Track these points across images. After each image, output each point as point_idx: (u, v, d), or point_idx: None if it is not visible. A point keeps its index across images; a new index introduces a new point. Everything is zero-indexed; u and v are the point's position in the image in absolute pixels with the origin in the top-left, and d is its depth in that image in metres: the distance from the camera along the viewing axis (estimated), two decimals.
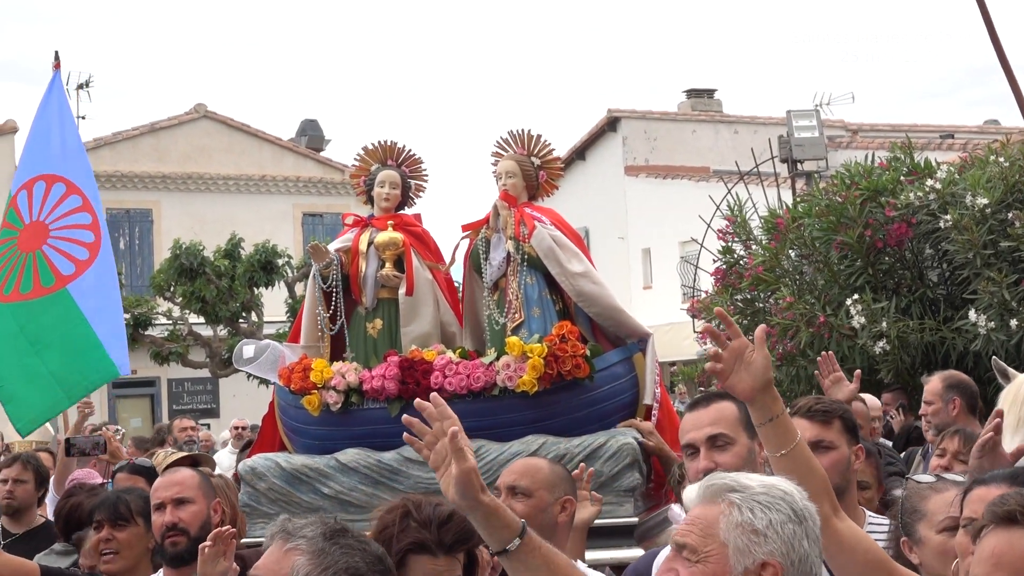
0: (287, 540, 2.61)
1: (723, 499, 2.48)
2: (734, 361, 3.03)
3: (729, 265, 10.36)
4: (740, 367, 3.03)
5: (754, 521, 2.43)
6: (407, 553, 3.28)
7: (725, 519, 2.44)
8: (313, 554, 2.59)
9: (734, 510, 2.45)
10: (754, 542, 2.42)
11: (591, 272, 5.84)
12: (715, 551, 2.42)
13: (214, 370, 24.28)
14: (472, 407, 5.62)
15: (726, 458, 3.63)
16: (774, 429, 3.03)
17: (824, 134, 18.94)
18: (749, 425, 3.69)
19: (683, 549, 2.45)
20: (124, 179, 29.90)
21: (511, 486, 4.10)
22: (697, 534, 2.45)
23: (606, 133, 30.44)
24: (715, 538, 2.43)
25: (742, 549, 2.41)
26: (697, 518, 2.48)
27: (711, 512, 2.46)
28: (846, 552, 3.01)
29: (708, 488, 2.51)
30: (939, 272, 9.15)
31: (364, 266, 6.04)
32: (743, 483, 2.51)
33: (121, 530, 4.68)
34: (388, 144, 6.37)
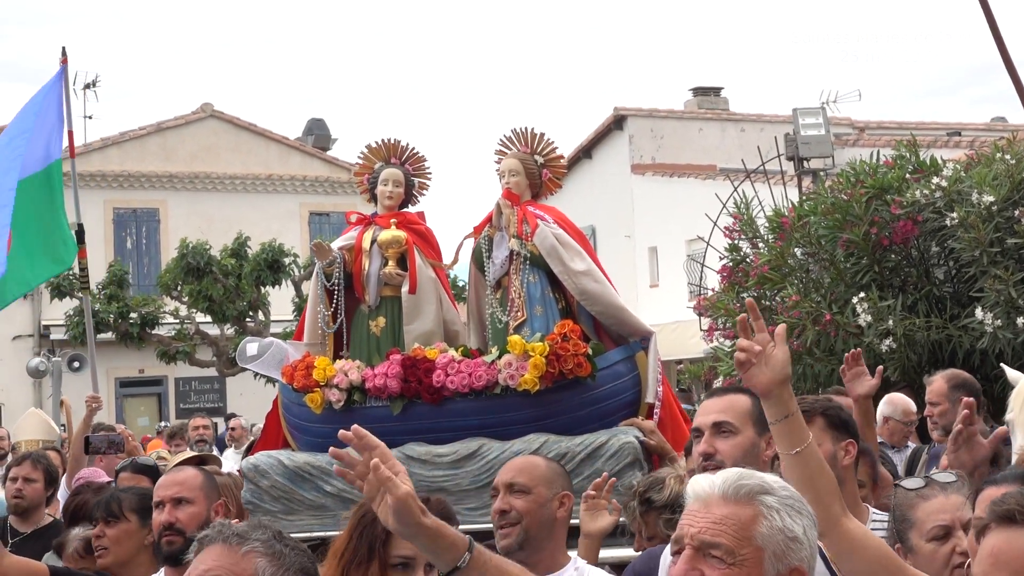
0: (241, 543, 2.62)
1: (758, 501, 2.42)
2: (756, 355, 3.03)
3: (735, 263, 10.34)
4: (760, 361, 3.03)
5: (794, 527, 2.41)
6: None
7: (766, 523, 2.39)
8: (272, 556, 2.63)
9: (774, 515, 2.40)
10: (791, 548, 2.39)
11: (593, 270, 5.83)
12: (750, 555, 2.36)
13: (221, 369, 24.31)
14: (474, 405, 5.64)
15: (727, 446, 3.69)
16: (788, 427, 3.03)
17: (831, 132, 18.91)
18: (759, 421, 3.72)
19: (714, 548, 2.37)
20: (131, 179, 29.95)
21: (509, 483, 4.11)
22: (732, 535, 2.37)
23: (612, 131, 30.41)
24: (751, 541, 2.37)
25: (779, 555, 2.38)
26: (728, 518, 2.39)
27: (745, 513, 2.40)
28: (856, 551, 2.99)
29: (739, 487, 2.44)
30: (945, 270, 9.13)
31: (367, 264, 6.04)
32: (771, 485, 2.46)
33: (111, 526, 4.74)
34: (392, 142, 6.38)
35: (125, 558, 4.69)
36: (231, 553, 2.61)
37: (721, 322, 10.13)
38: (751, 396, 3.78)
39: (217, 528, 2.67)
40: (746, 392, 3.81)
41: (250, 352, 6.22)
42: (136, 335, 23.67)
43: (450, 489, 5.54)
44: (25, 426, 11.01)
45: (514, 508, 4.03)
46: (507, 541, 4.02)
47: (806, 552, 2.41)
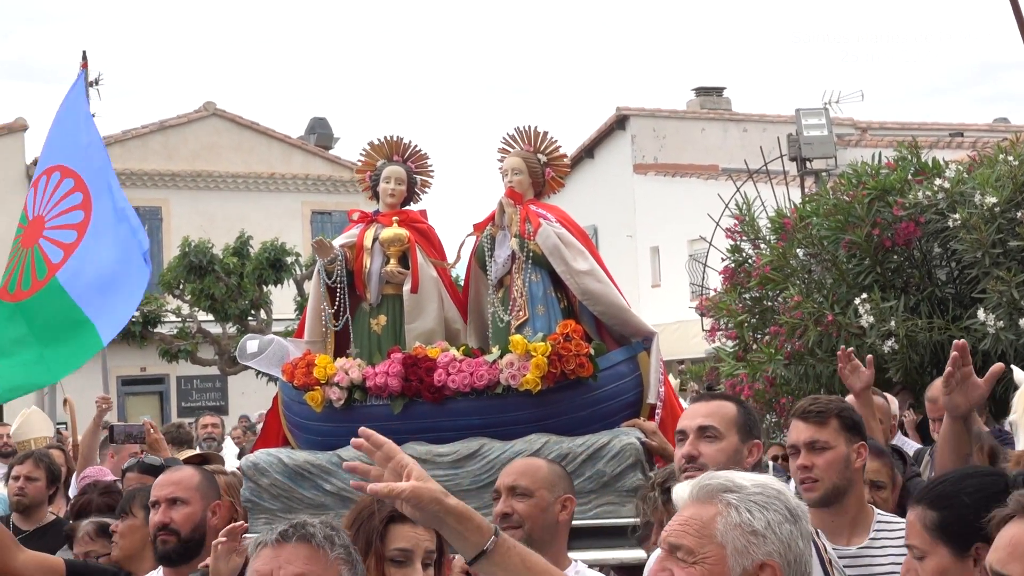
0: (330, 548, 2.59)
1: (719, 499, 2.45)
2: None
3: (737, 264, 10.33)
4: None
5: (753, 522, 2.42)
6: (388, 523, 3.33)
7: (723, 520, 2.41)
8: (351, 564, 2.63)
9: (731, 511, 2.43)
10: (753, 543, 2.40)
11: (596, 270, 5.81)
12: (712, 552, 2.39)
13: (223, 367, 24.32)
14: (475, 405, 5.61)
15: (710, 450, 3.74)
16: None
17: (833, 132, 18.90)
18: (744, 428, 3.85)
19: (677, 550, 2.41)
20: (133, 177, 29.95)
21: (511, 486, 4.10)
22: (693, 535, 2.41)
23: (615, 131, 30.43)
24: (712, 539, 2.40)
25: (741, 550, 2.39)
26: (691, 518, 2.44)
27: (706, 512, 2.43)
28: None
29: (702, 488, 2.48)
30: (948, 271, 9.11)
31: (369, 262, 6.02)
32: (737, 483, 2.48)
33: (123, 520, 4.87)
34: (394, 140, 6.35)
35: (131, 552, 4.77)
36: (321, 557, 2.58)
37: (723, 323, 10.12)
38: (737, 403, 3.91)
39: (304, 527, 2.62)
40: (733, 399, 3.93)
41: (250, 349, 6.20)
42: (138, 333, 23.69)
43: (451, 489, 5.43)
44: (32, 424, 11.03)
45: (516, 512, 4.03)
46: None
47: (774, 547, 2.40)
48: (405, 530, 3.33)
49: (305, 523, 2.63)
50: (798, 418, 4.10)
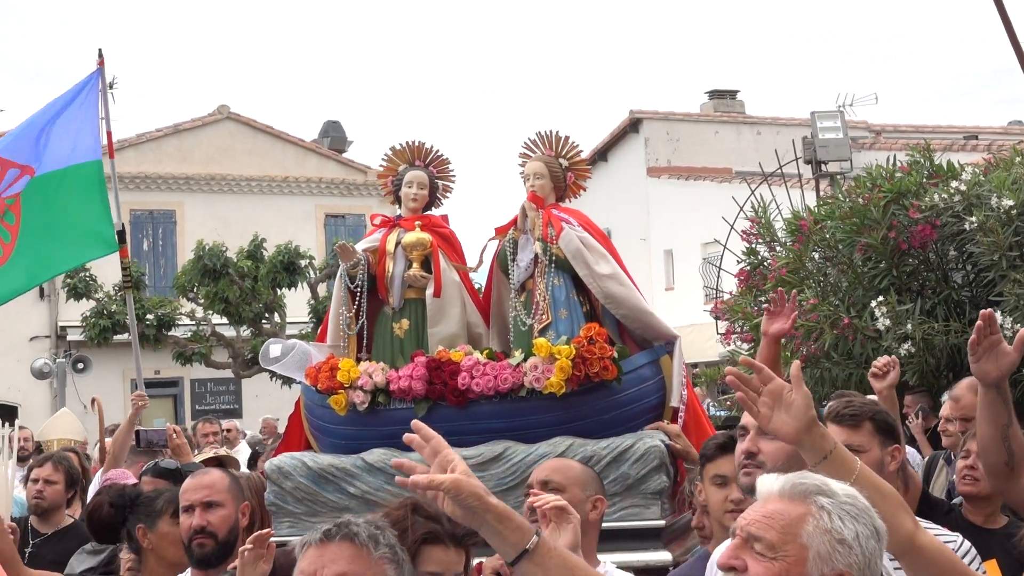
0: (375, 547, 2.60)
1: (811, 501, 2.42)
2: (773, 404, 2.93)
3: (753, 266, 10.34)
4: (780, 410, 2.93)
5: (843, 530, 2.39)
6: (421, 544, 3.33)
7: (813, 522, 2.39)
8: (397, 564, 2.64)
9: (823, 515, 2.40)
10: (838, 551, 2.38)
11: (619, 274, 5.83)
12: (793, 552, 2.37)
13: (237, 371, 24.36)
14: (499, 408, 5.63)
15: (770, 447, 3.61)
16: (830, 466, 2.91)
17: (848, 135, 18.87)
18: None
19: (757, 542, 2.39)
20: (147, 180, 30.03)
21: (544, 480, 4.14)
22: (777, 530, 2.39)
23: (628, 134, 30.43)
24: (796, 538, 2.38)
25: (824, 556, 2.37)
26: (777, 513, 2.41)
27: (795, 511, 2.41)
28: (930, 567, 2.93)
29: (795, 486, 2.45)
30: (964, 274, 9.11)
31: (391, 266, 6.05)
32: (832, 488, 2.46)
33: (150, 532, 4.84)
34: (416, 144, 6.38)
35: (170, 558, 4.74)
36: (365, 556, 2.59)
37: (738, 325, 10.13)
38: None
39: (349, 526, 2.63)
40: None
41: (273, 354, 6.23)
42: (152, 336, 23.73)
43: None
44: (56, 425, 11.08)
45: None
46: None
47: (856, 559, 2.39)
48: (437, 553, 3.32)
49: (349, 522, 2.65)
50: (831, 421, 4.00)
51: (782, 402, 2.92)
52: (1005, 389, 4.09)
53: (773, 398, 2.93)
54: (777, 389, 2.93)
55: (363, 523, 2.66)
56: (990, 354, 3.99)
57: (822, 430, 2.95)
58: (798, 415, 2.91)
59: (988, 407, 4.13)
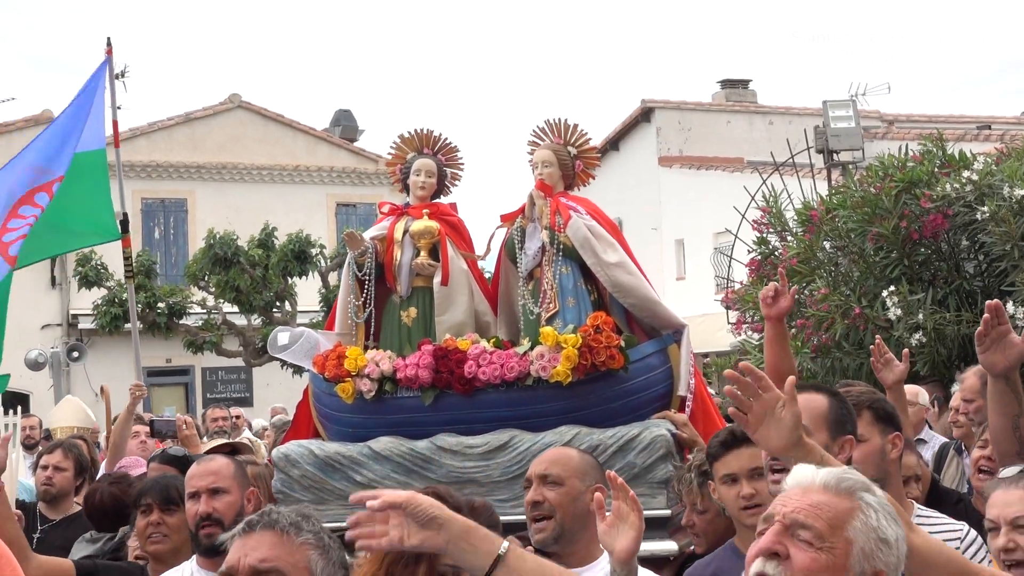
0: (297, 533, 2.62)
1: (858, 497, 2.41)
2: (763, 414, 2.88)
3: (764, 256, 10.32)
4: (769, 422, 2.88)
5: (887, 530, 2.39)
6: None
7: (862, 518, 2.38)
8: (322, 549, 2.64)
9: (871, 512, 2.39)
10: (880, 550, 2.37)
11: (626, 262, 5.80)
12: (840, 545, 2.34)
13: (248, 359, 24.41)
14: (506, 397, 5.62)
15: None
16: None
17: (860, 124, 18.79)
18: (835, 424, 3.64)
19: (803, 530, 2.36)
20: (159, 169, 30.07)
21: (542, 474, 4.10)
22: (826, 521, 2.36)
23: (640, 123, 30.38)
24: (842, 532, 2.35)
25: (868, 553, 2.36)
26: (824, 504, 2.38)
27: (842, 505, 2.38)
28: (928, 568, 2.89)
29: (841, 480, 2.43)
30: (976, 264, 9.07)
31: (399, 254, 6.03)
32: (872, 486, 2.46)
33: (171, 514, 4.72)
34: (424, 132, 6.36)
35: (181, 545, 4.66)
36: (287, 543, 2.60)
37: (749, 315, 10.10)
38: (830, 396, 3.69)
39: (269, 515, 2.65)
40: (825, 391, 3.71)
41: (281, 341, 6.23)
42: (163, 325, 23.78)
43: (481, 480, 5.54)
44: (61, 413, 11.10)
45: (547, 500, 4.03)
46: (542, 536, 4.02)
47: (893, 559, 2.39)
48: None
49: (272, 511, 2.67)
50: None
51: (772, 415, 2.88)
52: (1015, 380, 4.07)
53: (764, 409, 2.89)
54: (771, 400, 2.88)
55: (287, 512, 2.67)
56: (998, 345, 3.98)
57: (809, 447, 2.91)
58: (784, 432, 2.88)
59: (998, 398, 4.11)
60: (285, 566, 2.58)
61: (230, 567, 2.62)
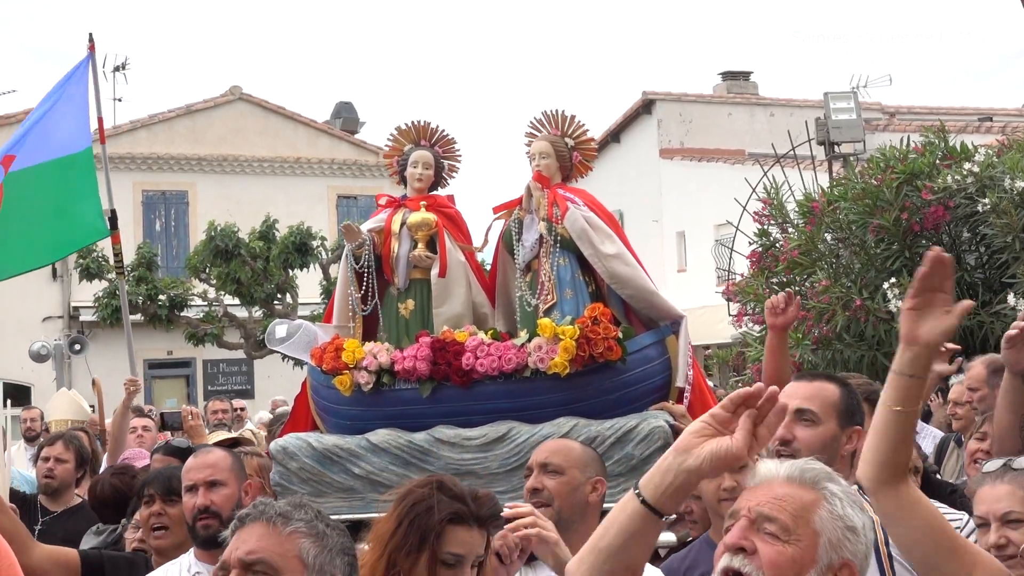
0: (285, 523, 2.63)
1: (822, 488, 2.41)
2: (927, 304, 2.84)
3: (765, 248, 10.31)
4: (928, 314, 2.83)
5: (853, 518, 2.39)
6: (446, 523, 3.28)
7: (826, 508, 2.38)
8: (316, 536, 2.64)
9: (836, 502, 2.39)
10: (848, 539, 2.37)
11: (624, 254, 5.78)
12: (806, 537, 2.34)
13: (249, 351, 24.40)
14: (503, 388, 5.61)
15: (806, 435, 3.58)
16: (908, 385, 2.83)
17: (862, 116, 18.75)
18: (844, 414, 3.64)
19: (769, 523, 2.36)
20: (160, 161, 30.06)
21: (543, 463, 4.11)
22: (791, 513, 2.36)
23: (641, 115, 30.33)
24: (808, 523, 2.36)
25: (835, 543, 2.36)
26: (789, 497, 2.38)
27: (807, 496, 2.39)
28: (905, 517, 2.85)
29: (805, 471, 2.43)
30: (977, 256, 9.07)
31: (397, 247, 6.01)
32: (836, 477, 2.45)
33: (172, 505, 4.69)
34: (421, 124, 6.33)
35: (183, 538, 4.62)
36: (275, 533, 2.62)
37: (750, 307, 10.10)
38: (841, 386, 3.69)
39: (259, 507, 2.67)
40: (836, 381, 3.71)
41: (279, 334, 6.21)
42: (165, 317, 23.79)
43: (479, 472, 5.53)
44: (56, 406, 11.11)
45: (546, 488, 4.03)
46: None
47: (861, 548, 2.38)
48: (461, 533, 3.28)
49: (262, 502, 2.69)
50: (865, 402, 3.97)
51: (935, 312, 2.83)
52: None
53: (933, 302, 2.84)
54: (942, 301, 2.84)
55: (278, 503, 2.69)
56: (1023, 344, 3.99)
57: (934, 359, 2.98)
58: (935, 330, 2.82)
59: (1011, 394, 4.11)
60: (272, 556, 2.59)
61: (223, 562, 2.65)
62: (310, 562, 2.62)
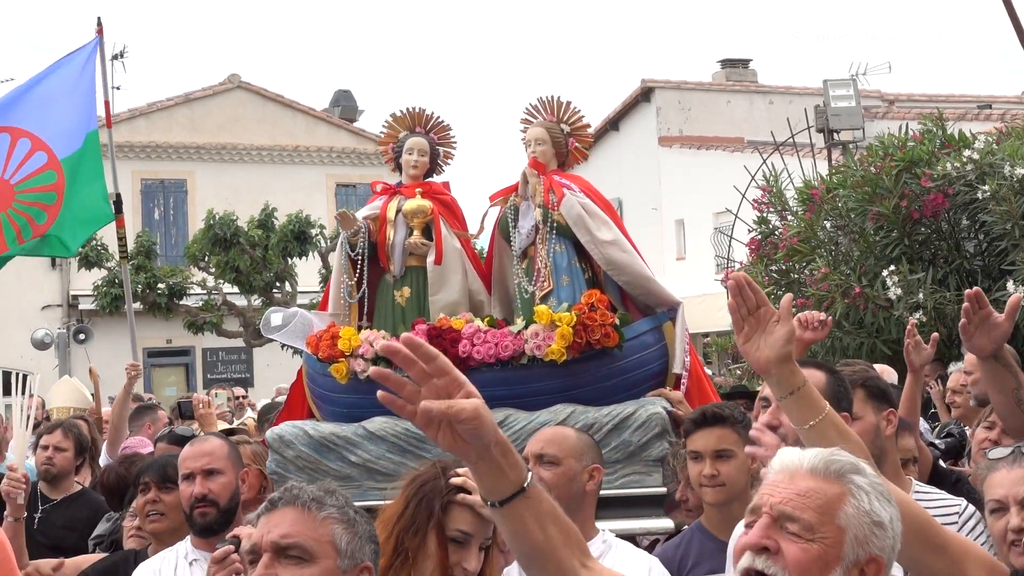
0: (319, 508, 2.63)
1: (848, 480, 2.31)
2: (757, 329, 2.85)
3: (764, 236, 10.31)
4: (760, 336, 2.84)
5: (881, 513, 2.29)
6: (450, 502, 3.27)
7: (852, 503, 2.28)
8: (347, 523, 2.65)
9: (862, 495, 2.29)
10: (875, 535, 2.27)
11: (620, 240, 5.77)
12: (831, 534, 2.25)
13: (248, 340, 24.40)
14: (500, 376, 5.58)
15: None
16: (797, 402, 2.84)
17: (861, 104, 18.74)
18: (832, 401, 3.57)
19: (792, 522, 2.26)
20: (158, 150, 30.02)
21: (539, 454, 4.10)
22: (814, 510, 2.26)
23: (640, 103, 30.27)
24: (833, 520, 2.26)
25: (861, 539, 2.26)
26: (813, 492, 2.28)
27: (832, 490, 2.28)
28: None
29: (829, 463, 2.33)
30: (976, 243, 9.06)
31: (392, 234, 5.99)
32: (862, 466, 2.36)
33: (168, 493, 4.69)
34: (416, 111, 6.32)
35: (179, 525, 4.62)
36: (309, 518, 2.61)
37: None
38: (828, 372, 3.67)
39: (291, 491, 2.65)
40: (824, 367, 3.70)
41: (274, 322, 6.20)
42: (164, 305, 23.78)
43: None
44: (57, 393, 11.10)
45: (543, 479, 4.01)
46: None
47: (888, 543, 2.29)
48: (468, 512, 3.26)
49: (294, 487, 2.68)
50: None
51: (765, 330, 2.84)
52: (1004, 355, 4.07)
53: (759, 322, 2.85)
54: (765, 316, 2.85)
55: (309, 488, 2.67)
56: (982, 329, 3.97)
57: (794, 367, 2.86)
58: (775, 345, 2.82)
59: (993, 377, 4.10)
60: (307, 541, 2.58)
61: (255, 544, 2.64)
62: (343, 548, 2.62)
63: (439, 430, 2.28)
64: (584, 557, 2.42)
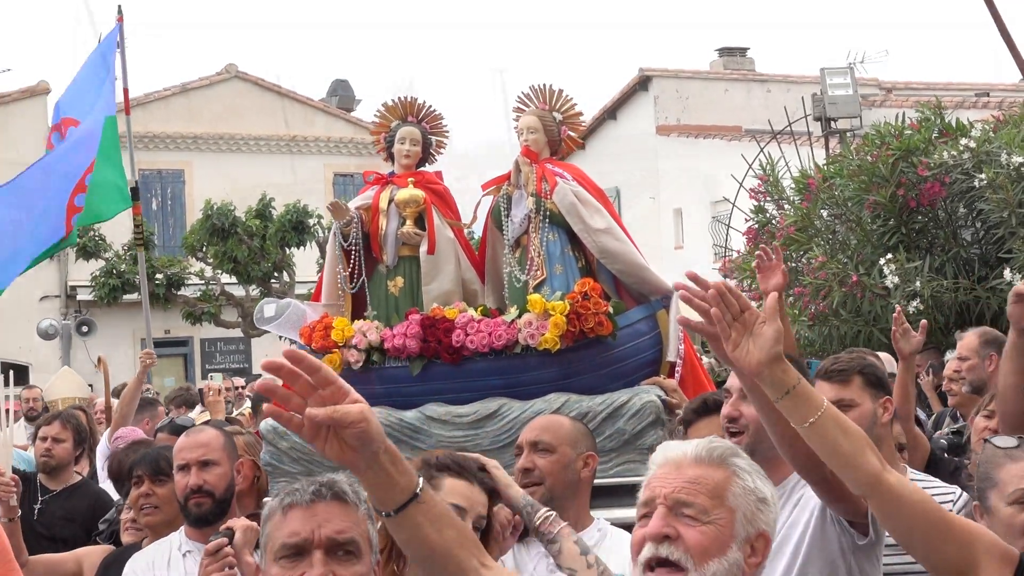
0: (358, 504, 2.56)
1: (730, 464, 2.46)
2: (744, 333, 2.83)
3: (761, 224, 10.31)
4: (748, 339, 2.82)
5: (763, 490, 2.45)
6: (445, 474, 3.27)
7: (738, 484, 2.43)
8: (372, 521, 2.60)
9: (745, 476, 2.45)
10: (760, 511, 2.43)
11: (614, 228, 5.75)
12: (723, 515, 2.40)
13: (246, 330, 24.38)
14: (494, 365, 5.58)
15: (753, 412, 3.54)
16: (794, 401, 2.83)
17: (858, 92, 18.71)
18: None
19: (687, 507, 2.40)
20: (156, 140, 29.95)
21: (533, 441, 4.09)
22: (705, 495, 2.41)
23: (637, 92, 30.20)
24: (723, 501, 2.41)
25: (749, 517, 2.42)
26: (701, 478, 2.42)
27: (717, 475, 2.44)
28: (902, 507, 2.82)
29: (712, 450, 2.47)
30: (973, 231, 9.06)
31: (385, 224, 5.97)
32: (740, 450, 2.52)
33: (162, 485, 4.68)
34: (409, 100, 6.29)
35: (172, 517, 4.62)
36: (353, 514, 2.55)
37: (747, 284, 10.09)
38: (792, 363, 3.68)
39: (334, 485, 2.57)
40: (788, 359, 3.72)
41: (268, 313, 6.18)
42: (162, 296, 23.76)
43: (470, 450, 5.47)
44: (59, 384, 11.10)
45: (538, 467, 4.02)
46: None
47: (772, 516, 2.45)
48: (460, 486, 3.27)
49: (335, 481, 2.58)
50: (821, 379, 4.03)
51: (752, 332, 2.83)
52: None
53: (745, 327, 2.84)
54: (750, 319, 2.84)
55: (346, 481, 2.58)
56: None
57: (786, 366, 2.85)
58: (764, 346, 2.81)
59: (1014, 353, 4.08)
60: (359, 536, 2.53)
61: (304, 539, 2.50)
62: (374, 544, 2.60)
63: (327, 441, 2.28)
64: (481, 556, 2.46)
